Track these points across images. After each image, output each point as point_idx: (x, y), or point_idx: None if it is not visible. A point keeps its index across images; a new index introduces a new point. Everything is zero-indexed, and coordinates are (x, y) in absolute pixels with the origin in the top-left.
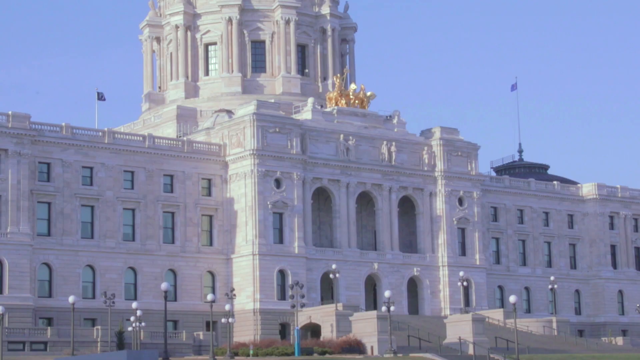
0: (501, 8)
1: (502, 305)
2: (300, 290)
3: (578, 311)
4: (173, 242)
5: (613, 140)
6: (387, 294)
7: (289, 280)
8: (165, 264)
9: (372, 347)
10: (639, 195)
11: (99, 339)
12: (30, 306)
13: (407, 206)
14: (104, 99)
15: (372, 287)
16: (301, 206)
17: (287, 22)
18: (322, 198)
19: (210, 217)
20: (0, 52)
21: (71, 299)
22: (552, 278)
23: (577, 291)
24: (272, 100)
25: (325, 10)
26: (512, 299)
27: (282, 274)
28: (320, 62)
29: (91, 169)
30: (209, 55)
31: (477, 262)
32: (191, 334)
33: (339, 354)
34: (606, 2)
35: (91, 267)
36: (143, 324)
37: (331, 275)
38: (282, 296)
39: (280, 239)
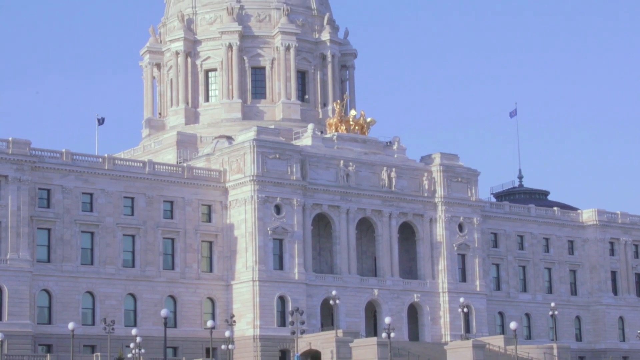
0: (501, 34)
1: (503, 332)
2: (300, 317)
3: (579, 338)
4: (173, 269)
5: (613, 166)
6: (387, 320)
7: (289, 307)
8: (165, 290)
9: None
10: (639, 222)
11: None
12: (29, 333)
13: (407, 232)
14: (103, 122)
15: (372, 314)
16: (301, 232)
17: (287, 48)
18: (322, 224)
19: (210, 243)
20: (0, 77)
21: (71, 325)
22: (552, 304)
23: (578, 317)
24: (272, 127)
25: (325, 36)
26: (512, 325)
27: (282, 300)
28: (320, 88)
29: (91, 195)
30: (209, 81)
31: (478, 289)
32: None
33: None
34: (606, 28)
35: (91, 293)
36: (143, 350)
37: (331, 302)
38: (282, 322)
39: (280, 265)
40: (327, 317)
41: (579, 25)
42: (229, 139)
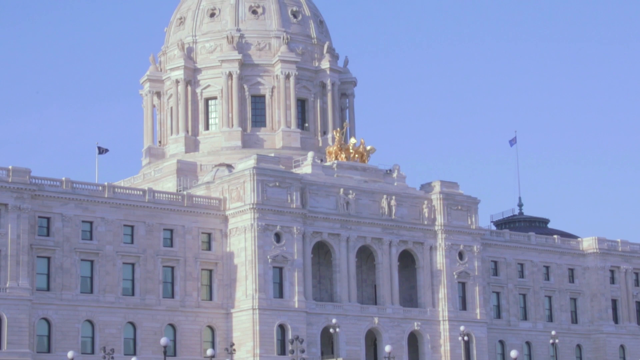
0: (501, 62)
1: None
2: (300, 345)
3: None
4: (173, 297)
5: (613, 194)
6: (387, 348)
7: (289, 335)
8: (164, 319)
9: None
10: (639, 249)
11: None
12: None
13: (407, 260)
14: (106, 151)
15: (372, 342)
16: (301, 260)
17: (287, 76)
18: (322, 252)
19: (210, 271)
20: (0, 106)
21: (70, 354)
22: (553, 333)
23: (579, 346)
24: (272, 155)
25: (325, 65)
26: (513, 353)
27: (282, 328)
28: (320, 116)
29: (91, 223)
30: (209, 109)
31: (478, 317)
32: None
33: None
34: (605, 57)
35: (90, 322)
36: None
37: (331, 330)
38: (282, 351)
39: (280, 294)
40: (328, 346)
41: (579, 53)
42: (229, 167)
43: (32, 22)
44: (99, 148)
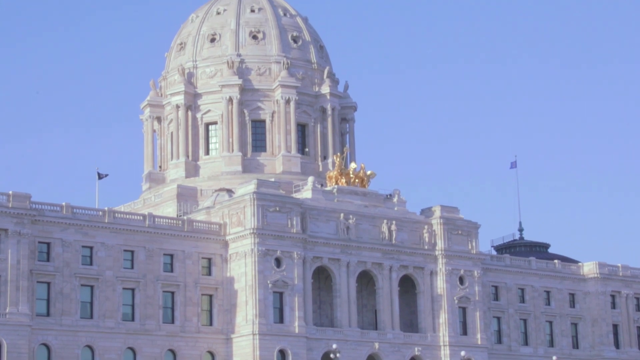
0: (501, 86)
1: None
2: None
3: None
4: (173, 322)
5: (614, 219)
6: None
7: None
8: (164, 344)
9: None
10: None
11: None
12: None
13: (407, 285)
14: (105, 176)
15: None
16: (301, 285)
17: (287, 101)
18: (322, 277)
19: (210, 296)
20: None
21: None
22: (554, 358)
23: None
24: (272, 179)
25: (325, 89)
26: None
27: (282, 353)
28: (321, 141)
29: (91, 248)
30: (210, 134)
31: (479, 342)
32: None
33: None
34: (606, 81)
35: (90, 347)
36: None
37: (332, 355)
38: None
39: (281, 319)
40: None
41: (580, 78)
42: (229, 192)
43: (32, 47)
44: (99, 174)
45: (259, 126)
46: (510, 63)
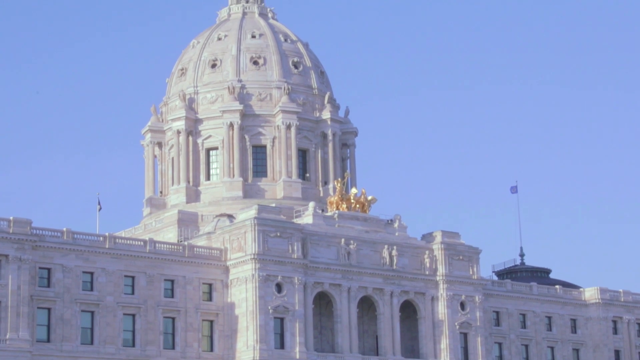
0: (501, 111)
1: None
2: None
3: None
4: (173, 348)
5: (615, 244)
6: None
7: None
8: None
9: None
10: None
11: None
12: None
13: (408, 310)
14: (100, 209)
15: None
16: (302, 311)
17: (288, 127)
18: (323, 302)
19: (211, 322)
20: (1, 156)
21: None
22: None
23: None
24: (273, 205)
25: (326, 115)
26: None
27: None
28: (321, 167)
29: (92, 274)
30: (211, 159)
31: None
32: None
33: None
34: (609, 107)
35: None
36: None
37: None
38: None
39: (282, 344)
40: None
41: (581, 103)
42: (230, 217)
43: (33, 72)
44: (99, 202)
45: (259, 151)
46: (511, 88)
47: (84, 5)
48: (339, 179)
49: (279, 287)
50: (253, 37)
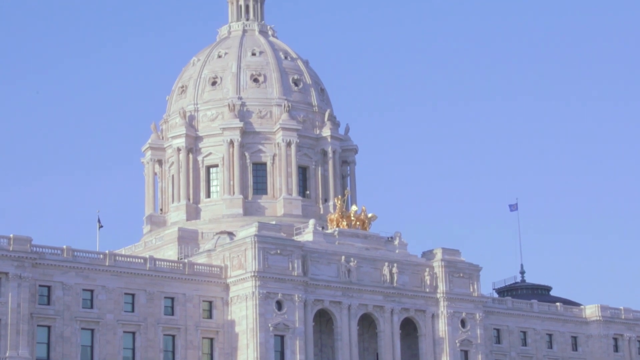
0: (501, 128)
1: None
2: None
3: None
4: None
5: (616, 261)
6: None
7: None
8: None
9: None
10: None
11: None
12: None
13: (409, 328)
14: (100, 227)
15: None
16: (303, 328)
17: (288, 144)
18: (323, 320)
19: (211, 339)
20: (0, 174)
21: None
22: None
23: None
24: (274, 222)
25: (326, 132)
26: None
27: None
28: (322, 184)
29: (92, 291)
30: (211, 177)
31: None
32: None
33: None
34: (609, 124)
35: None
36: None
37: None
38: None
39: None
40: None
41: (581, 119)
42: (230, 234)
43: (33, 90)
44: (99, 220)
45: (260, 169)
46: (511, 105)
47: (84, 23)
48: (339, 197)
49: (279, 305)
50: (253, 54)
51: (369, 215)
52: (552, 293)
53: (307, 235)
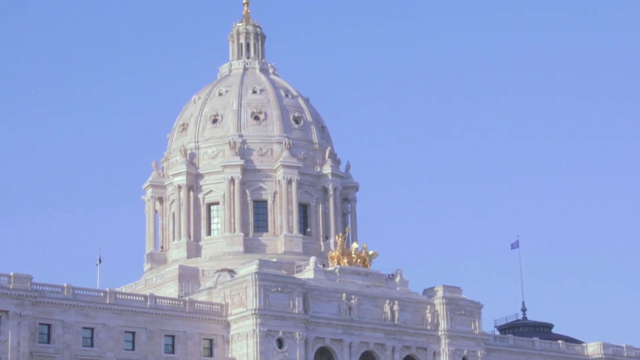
0: (503, 165)
1: None
2: None
3: None
4: None
5: (618, 299)
6: None
7: None
8: None
9: None
10: None
11: None
12: None
13: None
14: (100, 262)
15: None
16: None
17: (289, 182)
18: (324, 358)
19: None
20: (1, 211)
21: None
22: None
23: None
24: (274, 260)
25: (327, 170)
26: None
27: None
28: (322, 221)
29: (92, 329)
30: (212, 214)
31: None
32: None
33: None
34: (609, 161)
35: None
36: None
37: None
38: None
39: None
40: None
41: (581, 155)
42: (231, 272)
43: (33, 127)
44: (99, 258)
45: (260, 206)
46: (512, 143)
47: (86, 60)
48: (340, 234)
49: (280, 343)
50: (254, 92)
51: (370, 252)
52: (553, 330)
53: (308, 273)
